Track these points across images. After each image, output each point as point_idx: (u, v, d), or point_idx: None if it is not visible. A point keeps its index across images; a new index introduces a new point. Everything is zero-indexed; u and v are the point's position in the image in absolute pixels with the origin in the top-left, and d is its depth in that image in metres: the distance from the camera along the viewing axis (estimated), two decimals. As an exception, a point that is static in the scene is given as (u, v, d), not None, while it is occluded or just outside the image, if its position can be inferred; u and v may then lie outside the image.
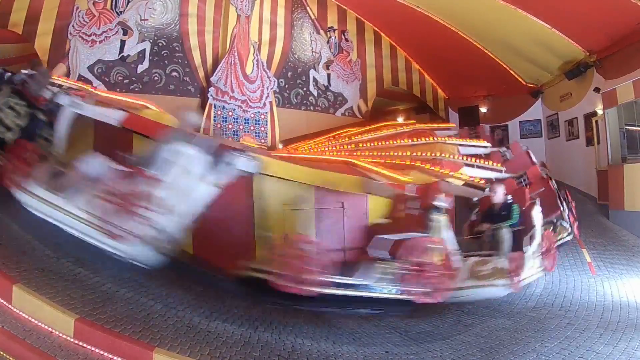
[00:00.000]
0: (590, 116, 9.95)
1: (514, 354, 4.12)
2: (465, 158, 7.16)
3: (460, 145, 7.57)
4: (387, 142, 7.98)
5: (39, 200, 4.10)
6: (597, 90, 9.35)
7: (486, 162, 7.25)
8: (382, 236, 4.26)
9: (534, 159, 7.97)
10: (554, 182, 7.44)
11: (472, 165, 7.04)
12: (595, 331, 4.62)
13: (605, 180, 9.01)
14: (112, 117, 5.00)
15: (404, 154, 7.27)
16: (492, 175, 6.93)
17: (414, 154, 7.20)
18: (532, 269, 5.44)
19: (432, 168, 6.45)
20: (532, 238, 5.47)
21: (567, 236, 6.77)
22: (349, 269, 4.23)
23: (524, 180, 7.29)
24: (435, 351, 4.22)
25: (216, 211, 4.23)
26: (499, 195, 5.86)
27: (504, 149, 8.12)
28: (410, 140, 7.69)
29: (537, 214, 5.64)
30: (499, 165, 7.31)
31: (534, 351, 4.16)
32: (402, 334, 4.62)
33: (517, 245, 5.42)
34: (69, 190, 4.07)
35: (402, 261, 4.25)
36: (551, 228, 6.37)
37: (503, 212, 5.74)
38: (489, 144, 7.93)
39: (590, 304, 5.48)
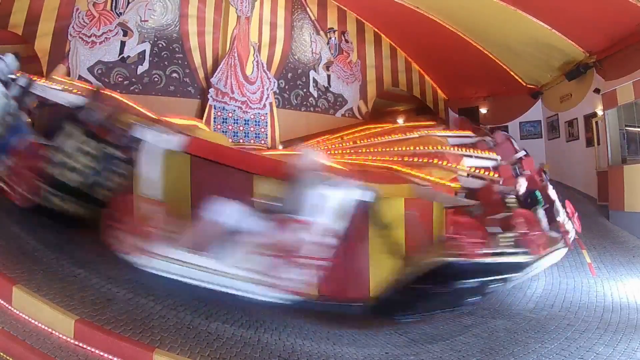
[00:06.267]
0: (590, 117, 9.95)
1: (514, 355, 4.12)
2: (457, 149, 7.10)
3: (448, 136, 7.56)
4: (382, 139, 7.87)
5: (176, 263, 3.64)
6: (597, 91, 9.36)
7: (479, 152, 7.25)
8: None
9: (516, 146, 8.16)
10: (553, 192, 6.67)
11: (471, 156, 7.05)
12: (595, 332, 4.63)
13: (605, 181, 9.01)
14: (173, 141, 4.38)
15: (401, 149, 7.15)
16: (489, 164, 6.95)
17: (410, 148, 7.10)
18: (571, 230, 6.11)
19: (441, 163, 6.29)
20: (557, 211, 6.09)
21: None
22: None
23: (519, 168, 7.42)
24: (436, 352, 4.22)
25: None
26: (523, 186, 6.30)
27: (488, 138, 8.28)
28: (403, 135, 7.55)
29: (551, 191, 6.42)
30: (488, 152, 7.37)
31: (534, 352, 4.16)
32: (402, 335, 4.62)
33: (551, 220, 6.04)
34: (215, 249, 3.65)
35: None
36: None
37: (528, 200, 6.19)
38: (474, 134, 8.07)
39: (590, 305, 5.48)
